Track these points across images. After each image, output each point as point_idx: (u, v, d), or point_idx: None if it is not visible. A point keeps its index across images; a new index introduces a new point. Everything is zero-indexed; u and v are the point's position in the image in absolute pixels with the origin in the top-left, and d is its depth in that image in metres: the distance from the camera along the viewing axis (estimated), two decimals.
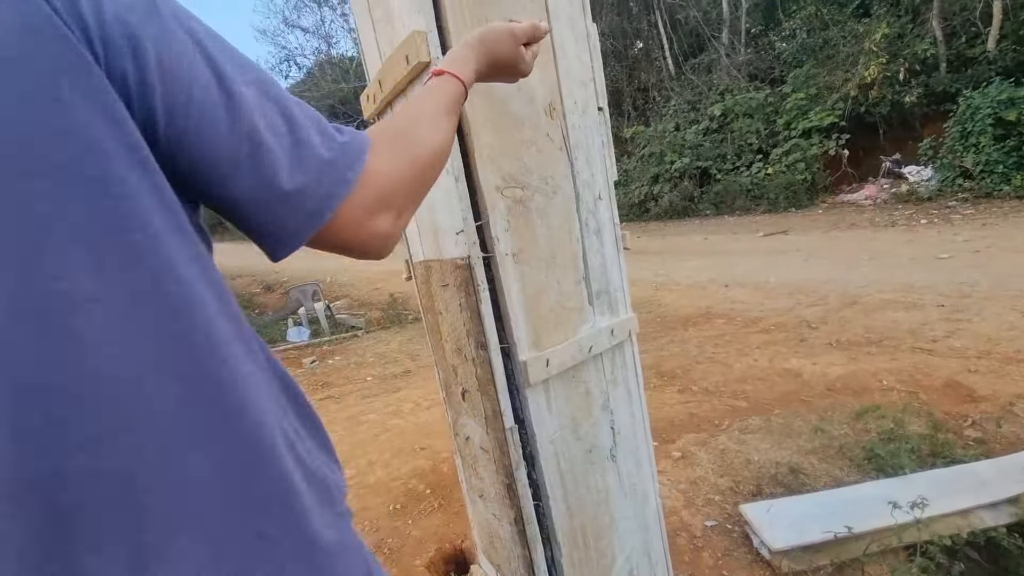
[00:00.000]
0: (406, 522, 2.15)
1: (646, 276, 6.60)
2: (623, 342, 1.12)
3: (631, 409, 1.16)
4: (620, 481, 1.13)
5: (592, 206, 1.05)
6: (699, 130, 11.69)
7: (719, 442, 2.54)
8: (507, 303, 0.91)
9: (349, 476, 2.63)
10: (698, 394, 3.21)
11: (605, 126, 1.08)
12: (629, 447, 1.15)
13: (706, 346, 3.98)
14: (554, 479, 1.00)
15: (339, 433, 3.17)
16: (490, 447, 0.94)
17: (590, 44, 1.03)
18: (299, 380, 3.11)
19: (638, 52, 14.92)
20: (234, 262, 19.93)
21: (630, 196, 12.28)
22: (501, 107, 0.90)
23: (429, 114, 0.53)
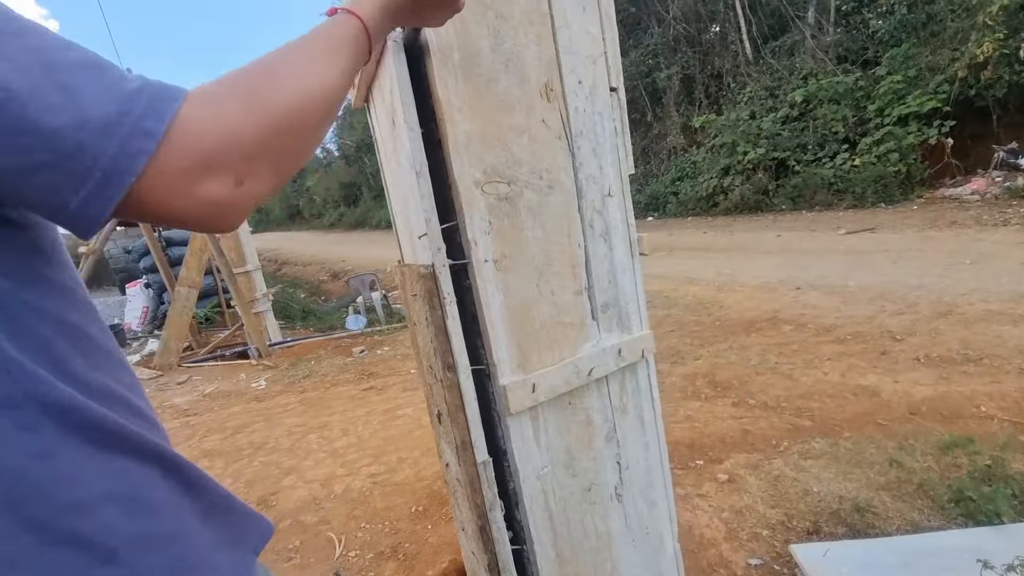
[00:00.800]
0: (426, 526, 2.08)
1: (708, 275, 6.20)
2: (635, 364, 0.96)
3: (644, 440, 0.99)
4: (626, 524, 0.97)
5: (599, 204, 0.89)
6: (777, 118, 10.84)
7: (774, 466, 2.28)
8: (486, 317, 0.78)
9: (378, 472, 2.61)
10: (755, 409, 2.92)
11: (619, 110, 0.91)
12: (640, 484, 0.99)
13: (769, 355, 3.63)
14: (541, 521, 0.86)
15: (374, 426, 3.17)
16: (464, 481, 0.82)
17: (602, 12, 0.87)
18: (348, 368, 3.17)
19: (713, 36, 14.07)
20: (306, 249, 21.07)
21: (697, 189, 11.66)
22: (484, 87, 0.77)
23: (299, 57, 0.43)
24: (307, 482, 2.62)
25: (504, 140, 0.79)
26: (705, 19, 14.05)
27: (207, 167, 0.36)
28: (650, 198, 13.05)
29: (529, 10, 0.79)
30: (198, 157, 0.35)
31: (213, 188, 0.36)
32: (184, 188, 0.35)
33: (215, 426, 3.70)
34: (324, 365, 4.93)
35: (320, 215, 38.75)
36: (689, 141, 13.49)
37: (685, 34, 14.00)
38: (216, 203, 0.37)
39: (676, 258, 7.68)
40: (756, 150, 10.62)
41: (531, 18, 0.79)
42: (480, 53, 0.76)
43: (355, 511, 2.28)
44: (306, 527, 2.22)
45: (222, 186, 0.37)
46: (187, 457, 0.45)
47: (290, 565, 1.99)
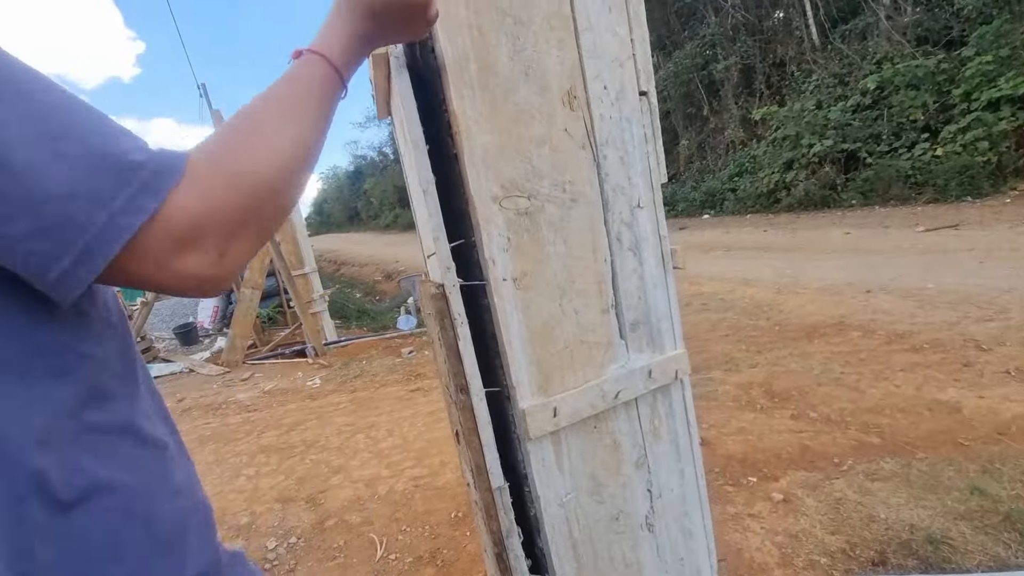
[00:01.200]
0: (464, 533, 2.08)
1: (767, 276, 5.88)
2: (668, 385, 0.90)
3: (679, 467, 0.93)
4: (659, 555, 0.91)
5: (627, 216, 0.84)
6: (847, 107, 10.12)
7: (836, 487, 2.11)
8: (504, 338, 0.75)
9: (420, 475, 2.64)
10: (816, 422, 2.72)
11: (650, 115, 0.85)
12: (674, 513, 0.93)
13: (833, 364, 3.38)
14: (564, 550, 0.82)
15: (419, 428, 3.22)
16: (480, 505, 0.80)
17: (630, 11, 0.81)
18: (396, 368, 3.24)
19: (776, 22, 13.35)
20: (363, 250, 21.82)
21: (757, 185, 11.11)
22: (503, 97, 0.73)
23: (273, 118, 0.42)
24: (353, 482, 2.69)
25: (524, 152, 0.75)
26: (767, 5, 13.36)
27: (191, 244, 0.36)
28: (706, 195, 12.57)
29: (550, 14, 0.75)
30: (183, 235, 0.35)
31: (195, 263, 0.37)
32: (167, 263, 0.36)
33: (272, 422, 3.88)
34: (375, 365, 5.07)
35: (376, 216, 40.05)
36: (748, 135, 12.88)
37: (745, 22, 13.37)
38: (197, 276, 0.37)
39: (733, 258, 7.35)
40: (823, 142, 9.97)
41: (552, 23, 0.75)
42: (498, 62, 0.73)
43: (397, 513, 2.31)
44: (350, 527, 2.28)
45: (204, 260, 0.37)
46: (247, 452, 0.46)
47: (334, 564, 2.04)
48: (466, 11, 0.70)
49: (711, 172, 13.42)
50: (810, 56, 12.04)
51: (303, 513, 2.45)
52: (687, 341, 2.88)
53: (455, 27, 0.69)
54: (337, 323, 7.32)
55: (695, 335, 4.41)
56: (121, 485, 0.40)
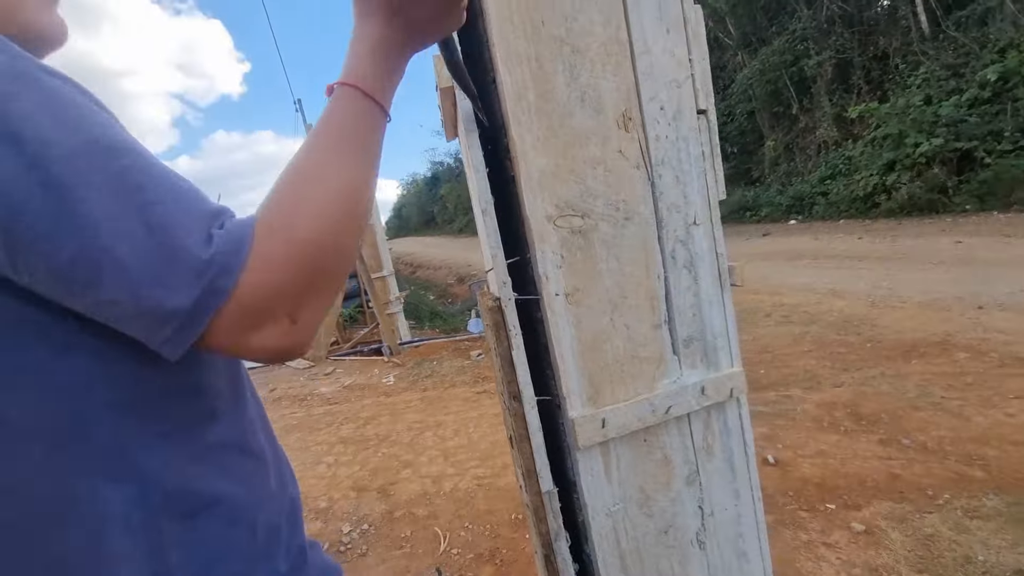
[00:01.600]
0: (523, 535, 2.12)
1: (860, 288, 5.43)
2: (723, 403, 0.89)
3: (734, 487, 0.92)
4: (710, 574, 0.91)
5: (683, 234, 0.85)
6: (961, 102, 9.11)
7: (927, 522, 1.93)
8: (556, 351, 0.79)
9: (483, 475, 2.72)
10: (909, 450, 2.50)
11: (708, 133, 0.86)
12: (727, 534, 0.92)
13: (933, 387, 3.08)
14: (611, 559, 0.84)
15: (484, 429, 3.31)
16: (531, 508, 0.84)
17: (688, 32, 0.82)
18: (465, 370, 3.39)
19: (879, 11, 12.28)
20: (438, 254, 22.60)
21: (852, 188, 10.26)
22: (559, 122, 0.78)
23: (316, 171, 0.42)
24: (421, 477, 2.83)
25: (578, 173, 0.79)
26: None
27: (262, 318, 0.38)
28: (793, 199, 11.79)
29: (607, 40, 0.78)
30: (253, 312, 0.37)
31: (269, 335, 0.39)
32: (243, 339, 0.38)
33: (350, 415, 4.15)
34: (445, 366, 5.26)
35: (451, 221, 41.30)
36: (843, 134, 11.94)
37: (841, 14, 12.42)
38: (274, 348, 0.39)
39: (821, 267, 6.85)
40: (931, 141, 9.04)
41: (608, 49, 0.79)
42: (555, 89, 0.77)
43: (460, 511, 2.40)
44: (417, 519, 2.40)
45: (277, 330, 0.39)
46: (327, 442, 0.52)
47: (400, 553, 2.17)
48: (526, 43, 0.75)
49: (799, 175, 12.58)
50: (918, 47, 10.96)
51: (375, 503, 2.62)
52: (764, 355, 2.81)
53: (515, 59, 0.74)
54: (411, 324, 7.66)
55: (773, 349, 4.18)
56: (229, 496, 0.46)
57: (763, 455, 2.55)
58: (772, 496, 2.25)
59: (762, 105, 14.07)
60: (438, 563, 2.00)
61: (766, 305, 5.50)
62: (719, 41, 15.88)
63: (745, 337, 4.64)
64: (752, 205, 12.85)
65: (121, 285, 0.34)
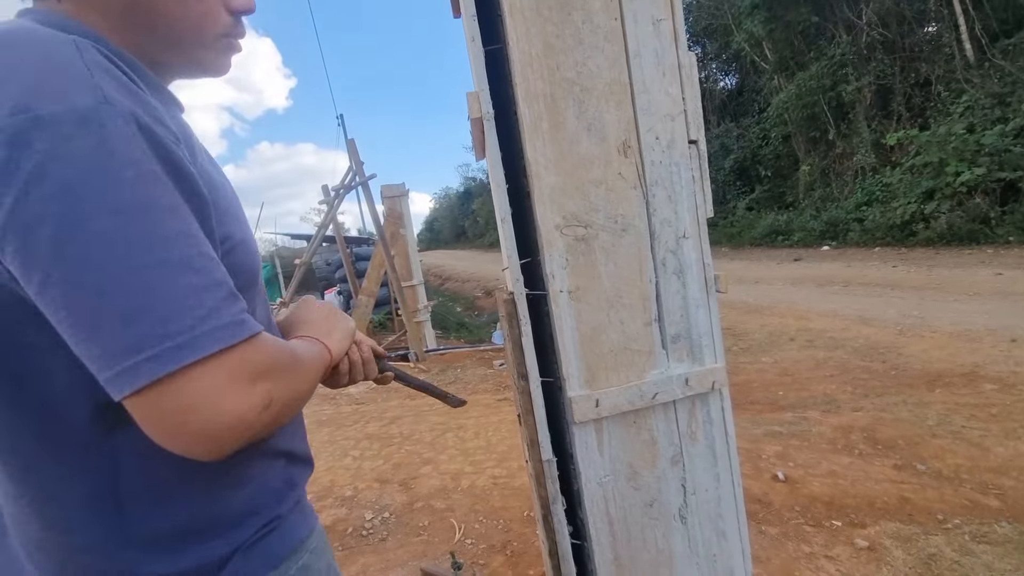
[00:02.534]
0: (534, 531, 2.24)
1: (889, 316, 5.36)
2: (705, 394, 1.01)
3: (715, 471, 1.03)
4: (690, 547, 1.02)
5: (673, 245, 0.99)
6: (1007, 131, 8.88)
7: (932, 543, 1.97)
8: (559, 339, 0.93)
9: (499, 475, 2.85)
10: (923, 476, 2.51)
11: (698, 160, 1.00)
12: (708, 513, 1.03)
13: (954, 416, 3.06)
14: (601, 524, 0.97)
15: (503, 433, 3.44)
16: (532, 475, 0.98)
17: (682, 76, 0.97)
18: (488, 378, 3.57)
19: (922, 38, 12.11)
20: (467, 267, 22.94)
21: (889, 215, 10.06)
22: (568, 148, 0.93)
23: (304, 379, 0.55)
24: (440, 473, 2.97)
25: (583, 191, 0.94)
26: (911, 21, 12.20)
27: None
28: (827, 225, 11.62)
29: (611, 81, 0.94)
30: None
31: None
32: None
33: (376, 415, 4.35)
34: (468, 373, 5.42)
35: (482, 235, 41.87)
36: (881, 160, 11.74)
37: (882, 40, 12.30)
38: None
39: (852, 294, 6.76)
40: (973, 170, 8.84)
41: (612, 88, 0.94)
42: (566, 121, 0.93)
43: (476, 505, 2.54)
44: (435, 511, 2.54)
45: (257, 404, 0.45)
46: (354, 438, 0.67)
47: (418, 540, 2.31)
48: (543, 84, 0.91)
49: (834, 200, 12.40)
50: (962, 74, 10.76)
51: (396, 494, 2.77)
52: (784, 377, 2.94)
53: (533, 96, 0.91)
54: (438, 333, 7.87)
55: (794, 372, 4.19)
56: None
57: (773, 471, 2.60)
58: (779, 510, 2.31)
59: (798, 129, 13.96)
60: (453, 550, 2.13)
61: (791, 329, 5.48)
62: (755, 65, 15.87)
63: (767, 360, 4.65)
64: (784, 229, 12.70)
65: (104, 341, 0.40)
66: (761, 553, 2.00)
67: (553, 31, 0.91)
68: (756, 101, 16.29)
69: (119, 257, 0.38)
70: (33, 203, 0.37)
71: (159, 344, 0.39)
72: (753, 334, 5.52)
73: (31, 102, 0.38)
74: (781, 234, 12.66)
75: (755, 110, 16.29)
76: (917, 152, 10.14)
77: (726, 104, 17.61)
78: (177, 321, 0.39)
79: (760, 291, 7.75)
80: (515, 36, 0.91)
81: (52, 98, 0.38)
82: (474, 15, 0.91)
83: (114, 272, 0.38)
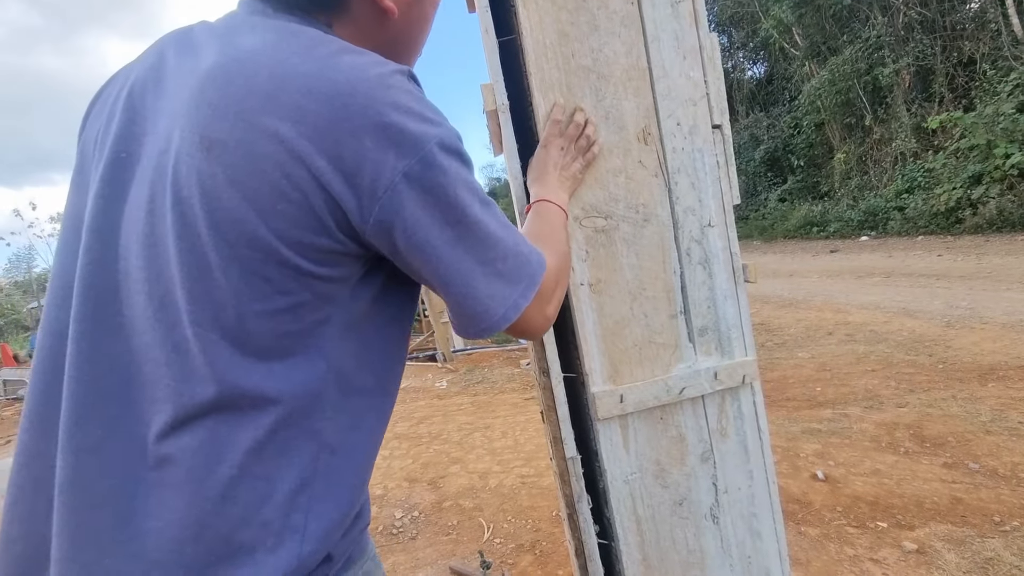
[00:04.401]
0: (563, 531, 2.21)
1: (935, 307, 5.11)
2: (736, 388, 0.97)
3: (747, 468, 0.99)
4: (723, 548, 0.98)
5: (697, 234, 0.95)
6: None
7: (988, 547, 1.85)
8: (580, 334, 0.91)
9: (527, 475, 2.83)
10: (976, 475, 2.37)
11: (723, 144, 0.96)
12: (741, 512, 0.99)
13: (1010, 411, 2.89)
14: (628, 523, 0.94)
15: (530, 433, 3.42)
16: (557, 472, 0.96)
17: (703, 58, 0.94)
18: (514, 378, 3.58)
19: (965, 15, 11.52)
20: None
21: (932, 203, 9.62)
22: None
23: (557, 240, 0.72)
24: (469, 472, 2.97)
25: (602, 181, 0.92)
26: None
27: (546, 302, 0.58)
28: (866, 214, 11.18)
29: (628, 67, 0.91)
30: (541, 313, 0.58)
31: (540, 322, 0.58)
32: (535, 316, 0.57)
33: (405, 415, 4.39)
34: (495, 373, 5.42)
35: None
36: (923, 145, 11.23)
37: (921, 19, 11.76)
38: (544, 325, 0.59)
39: (894, 285, 6.48)
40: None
41: (630, 74, 0.91)
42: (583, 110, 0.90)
43: (504, 505, 2.52)
44: (463, 510, 2.54)
45: (545, 319, 0.59)
46: (383, 438, 0.66)
47: (447, 539, 2.31)
48: (558, 72, 0.89)
49: (873, 188, 11.92)
50: (1010, 51, 10.19)
51: (425, 493, 2.79)
52: (822, 372, 2.84)
53: (548, 86, 0.89)
54: None
55: (833, 367, 4.03)
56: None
57: (812, 471, 2.50)
58: (819, 511, 2.22)
59: (832, 116, 13.48)
60: (481, 549, 2.12)
61: (829, 323, 5.28)
62: (784, 52, 15.40)
63: (803, 355, 4.49)
64: (820, 221, 12.29)
65: (469, 305, 0.53)
66: (801, 555, 1.92)
67: (567, 18, 0.89)
68: (786, 89, 15.81)
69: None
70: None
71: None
72: (788, 329, 5.34)
73: None
74: (816, 225, 12.25)
75: (785, 98, 15.81)
76: (962, 135, 9.66)
77: (755, 94, 17.14)
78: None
79: (795, 285, 7.51)
80: (528, 25, 0.89)
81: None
82: (487, 6, 0.90)
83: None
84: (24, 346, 16.70)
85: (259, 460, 0.44)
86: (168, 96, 0.48)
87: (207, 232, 0.42)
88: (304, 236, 0.44)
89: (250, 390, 0.44)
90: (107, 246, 0.46)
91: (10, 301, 27.19)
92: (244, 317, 0.43)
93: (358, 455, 0.52)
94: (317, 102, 0.42)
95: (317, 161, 0.42)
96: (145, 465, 0.42)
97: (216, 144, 0.42)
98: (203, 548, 0.42)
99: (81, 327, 0.45)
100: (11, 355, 12.95)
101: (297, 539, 0.45)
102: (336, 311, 0.48)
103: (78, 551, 0.42)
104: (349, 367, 0.50)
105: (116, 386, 0.44)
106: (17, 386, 8.83)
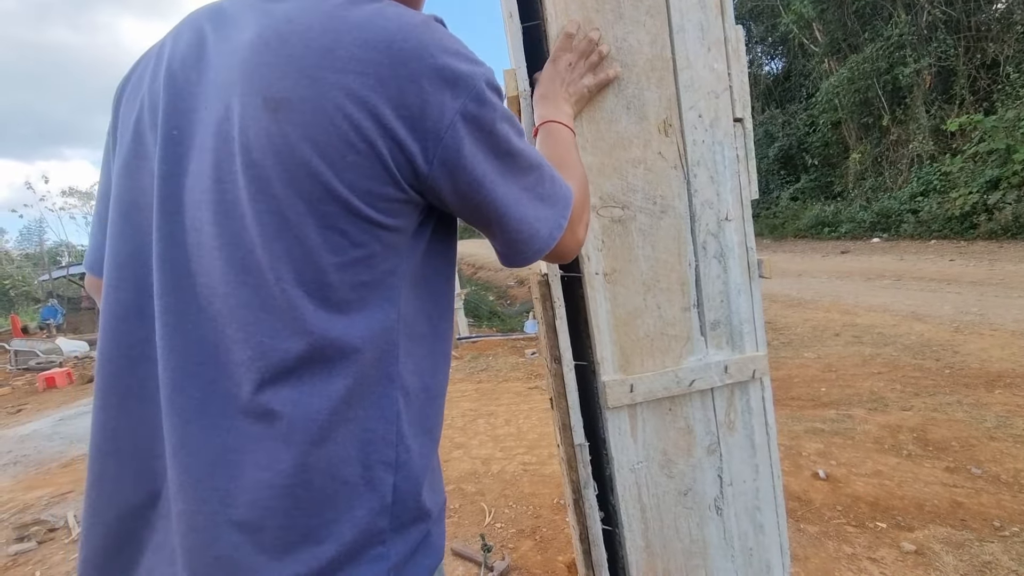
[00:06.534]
0: (563, 518, 2.23)
1: (945, 312, 5.08)
2: (745, 383, 0.98)
3: (753, 462, 1.00)
4: (725, 539, 1.00)
5: (714, 228, 0.95)
6: None
7: (987, 551, 1.86)
8: (593, 322, 0.92)
9: (529, 462, 2.85)
10: (978, 480, 2.37)
11: (743, 139, 0.96)
12: (745, 505, 1.00)
13: (1015, 418, 2.87)
14: (633, 510, 0.96)
15: (533, 421, 3.44)
16: (564, 459, 0.97)
17: (728, 50, 0.93)
18: (519, 367, 3.60)
19: (991, 15, 11.27)
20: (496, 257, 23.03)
21: (947, 206, 9.49)
22: (606, 127, 0.91)
23: (573, 163, 0.72)
24: (471, 458, 3.00)
25: (621, 171, 0.92)
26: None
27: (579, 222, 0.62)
28: (879, 216, 11.06)
29: (652, 57, 0.91)
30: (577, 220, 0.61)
31: (573, 244, 0.61)
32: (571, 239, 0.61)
33: None
34: (500, 362, 5.44)
35: None
36: (940, 148, 11.06)
37: (945, 19, 11.51)
38: (576, 247, 0.62)
39: (904, 288, 6.43)
40: None
41: (654, 64, 0.91)
42: (604, 99, 0.90)
43: (506, 491, 2.55)
44: (465, 494, 2.57)
45: (577, 241, 0.62)
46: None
47: (449, 522, 2.34)
48: None
49: (887, 190, 11.78)
50: None
51: None
52: (827, 373, 2.83)
53: None
54: (470, 321, 7.93)
55: (839, 368, 4.02)
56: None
57: (813, 469, 2.51)
58: (819, 509, 2.23)
59: (849, 115, 13.29)
60: (483, 533, 2.15)
61: (836, 324, 5.26)
62: (804, 48, 15.15)
63: (809, 355, 4.48)
64: (831, 221, 12.17)
65: (516, 235, 0.56)
66: (799, 552, 1.94)
67: (593, 5, 0.89)
68: (804, 86, 15.58)
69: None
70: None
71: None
72: (795, 328, 5.32)
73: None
74: (828, 225, 12.13)
75: (803, 95, 15.58)
76: (981, 138, 9.50)
77: (771, 90, 16.90)
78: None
79: (803, 284, 7.46)
80: (553, 12, 0.89)
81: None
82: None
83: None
84: (35, 318, 16.91)
85: (351, 405, 0.47)
86: (214, 68, 0.49)
87: (283, 190, 0.44)
88: (374, 186, 0.45)
89: (336, 340, 0.46)
90: (175, 222, 0.48)
91: (21, 273, 27.49)
92: (324, 271, 0.46)
93: (429, 395, 0.56)
94: (376, 51, 0.44)
95: (382, 109, 0.44)
96: (248, 420, 0.45)
97: (282, 103, 0.43)
98: (313, 490, 0.46)
99: (164, 302, 0.48)
100: (20, 327, 13.15)
101: (391, 473, 0.49)
102: (401, 262, 0.51)
103: (201, 503, 0.45)
104: (411, 315, 0.53)
105: (207, 352, 0.46)
106: (28, 357, 8.96)
